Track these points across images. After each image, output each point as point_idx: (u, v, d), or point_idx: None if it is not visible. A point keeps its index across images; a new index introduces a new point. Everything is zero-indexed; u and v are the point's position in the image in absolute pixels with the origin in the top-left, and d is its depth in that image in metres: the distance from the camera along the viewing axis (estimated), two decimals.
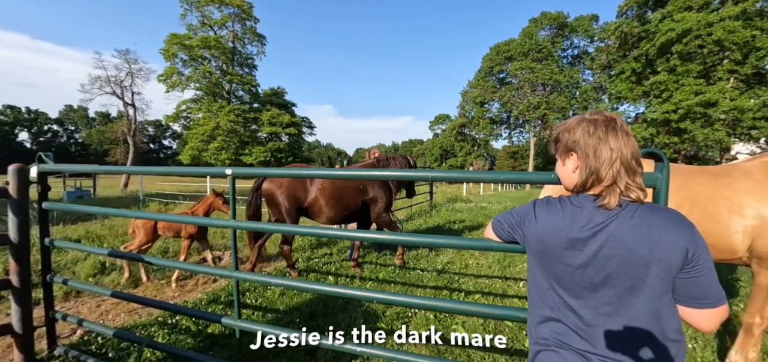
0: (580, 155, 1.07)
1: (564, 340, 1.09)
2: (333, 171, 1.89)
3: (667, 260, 0.95)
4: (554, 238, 1.08)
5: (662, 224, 0.97)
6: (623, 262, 0.98)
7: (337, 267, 5.35)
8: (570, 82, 43.11)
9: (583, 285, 1.04)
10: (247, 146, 28.21)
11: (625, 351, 1.00)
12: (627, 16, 23.72)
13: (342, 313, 3.59)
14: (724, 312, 1.00)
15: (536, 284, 1.17)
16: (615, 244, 0.99)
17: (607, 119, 1.05)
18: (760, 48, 15.66)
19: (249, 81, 28.61)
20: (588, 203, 1.05)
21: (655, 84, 18.73)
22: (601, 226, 1.01)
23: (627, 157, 1.01)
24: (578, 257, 1.03)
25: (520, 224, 1.21)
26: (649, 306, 0.99)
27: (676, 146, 18.25)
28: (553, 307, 1.12)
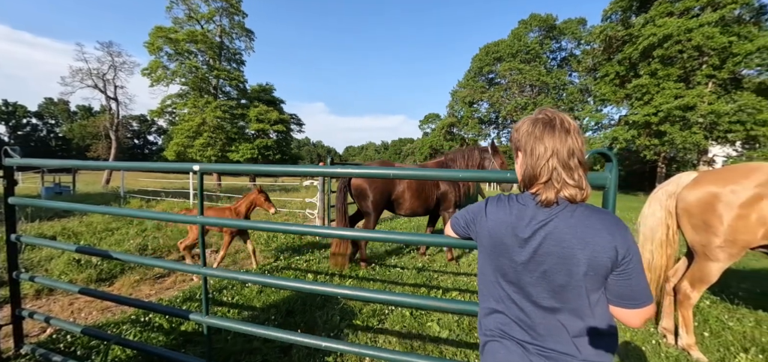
0: (523, 153, 1.12)
1: (507, 331, 1.14)
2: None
3: (599, 260, 0.99)
4: (501, 234, 1.12)
5: (598, 227, 1.01)
6: (560, 259, 1.02)
7: (318, 265, 5.35)
8: (557, 83, 43.73)
9: (525, 279, 1.09)
10: (234, 142, 27.74)
11: (560, 342, 1.05)
12: (612, 20, 24.19)
13: (320, 310, 3.61)
14: (650, 311, 1.05)
15: (485, 278, 1.22)
16: (553, 242, 1.03)
17: (548, 119, 1.09)
18: (737, 54, 16.17)
19: (236, 77, 28.11)
20: (531, 201, 1.09)
21: (637, 87, 19.17)
22: (542, 224, 1.05)
23: (563, 156, 1.04)
24: (521, 253, 1.08)
25: (474, 220, 1.26)
26: (583, 300, 1.03)
27: (657, 148, 18.73)
28: (499, 300, 1.16)
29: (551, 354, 1.06)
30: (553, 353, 1.06)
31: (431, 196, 5.11)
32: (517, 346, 1.12)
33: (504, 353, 1.14)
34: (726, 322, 3.48)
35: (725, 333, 3.30)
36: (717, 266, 2.75)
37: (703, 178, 2.88)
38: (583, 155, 1.08)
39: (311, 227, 2.10)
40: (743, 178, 2.66)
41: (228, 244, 5.05)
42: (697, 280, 2.87)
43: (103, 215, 8.41)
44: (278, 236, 6.97)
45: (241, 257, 6.00)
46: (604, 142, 23.65)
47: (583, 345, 1.04)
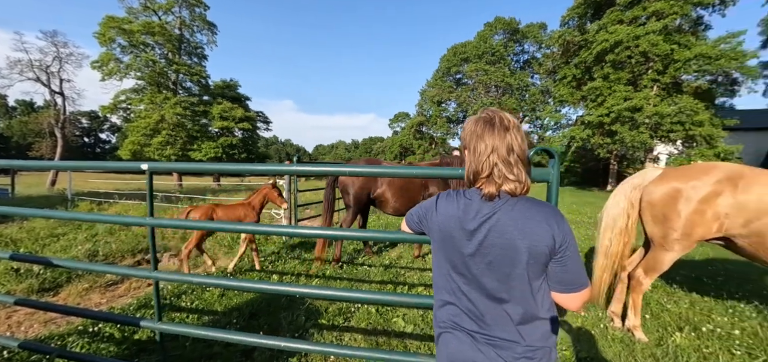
0: (468, 151, 1.17)
1: (458, 322, 1.19)
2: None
3: (538, 249, 1.06)
4: (450, 227, 1.17)
5: (537, 218, 1.08)
6: (503, 250, 1.08)
7: (284, 266, 5.26)
8: (520, 85, 45.52)
9: (473, 270, 1.14)
10: (196, 141, 26.46)
11: (506, 330, 1.11)
12: (569, 26, 25.56)
13: (285, 311, 3.55)
14: (586, 294, 1.14)
15: (438, 271, 1.26)
16: (497, 234, 1.09)
17: (489, 118, 1.14)
18: (678, 60, 17.64)
19: (198, 72, 26.80)
20: (476, 196, 1.15)
21: (592, 89, 20.40)
22: (486, 217, 1.11)
23: (503, 152, 1.10)
24: (469, 246, 1.13)
25: (426, 216, 1.30)
26: (525, 288, 1.10)
27: (609, 147, 20.05)
28: (450, 292, 1.21)
29: (498, 342, 1.12)
30: (500, 341, 1.11)
31: (417, 198, 5.11)
32: (467, 336, 1.17)
33: (455, 344, 1.19)
34: (665, 305, 3.81)
35: (664, 314, 3.61)
36: (671, 256, 2.95)
37: (667, 174, 3.04)
38: (523, 151, 1.14)
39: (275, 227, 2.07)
40: (703, 175, 2.83)
41: (246, 244, 5.09)
42: (650, 268, 3.08)
43: (47, 220, 7.76)
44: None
45: (202, 261, 5.77)
46: (563, 141, 24.99)
47: (526, 331, 1.11)
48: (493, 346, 1.12)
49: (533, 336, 1.11)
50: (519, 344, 1.10)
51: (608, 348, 2.94)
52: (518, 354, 1.09)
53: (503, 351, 1.10)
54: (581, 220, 9.63)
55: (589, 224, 8.83)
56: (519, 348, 1.10)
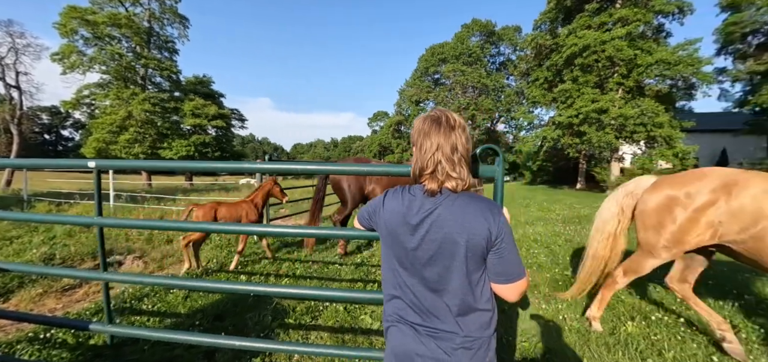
0: (415, 148, 1.21)
1: (402, 315, 1.23)
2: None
3: (476, 242, 1.11)
4: (395, 223, 1.21)
5: (474, 213, 1.12)
6: (443, 244, 1.13)
7: (252, 266, 5.18)
8: (496, 86, 46.59)
9: (416, 264, 1.18)
10: (167, 138, 25.43)
11: (446, 322, 1.16)
12: (541, 30, 26.41)
13: (251, 312, 3.50)
14: (523, 285, 1.18)
15: (386, 266, 1.30)
16: (437, 228, 1.13)
17: (435, 117, 1.18)
18: (640, 65, 18.61)
19: (168, 67, 25.71)
20: (420, 192, 1.19)
21: (562, 91, 21.18)
22: (428, 212, 1.15)
23: (447, 151, 1.14)
24: (412, 240, 1.17)
25: (375, 212, 1.34)
26: (464, 281, 1.15)
27: (578, 146, 20.89)
28: (396, 286, 1.25)
29: (438, 334, 1.16)
30: (440, 332, 1.16)
31: None
32: (410, 329, 1.21)
33: (399, 337, 1.23)
34: (619, 295, 4.01)
35: (619, 305, 3.81)
36: (654, 262, 2.94)
37: (661, 182, 3.01)
38: (467, 151, 1.19)
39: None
40: (697, 182, 2.78)
41: (246, 238, 5.27)
42: (631, 270, 3.09)
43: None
44: (212, 237, 6.60)
45: (170, 262, 5.60)
46: (535, 141, 25.84)
47: (464, 322, 1.16)
48: (434, 338, 1.16)
49: (471, 327, 1.16)
50: (457, 334, 1.15)
51: (566, 339, 3.08)
52: (457, 345, 1.14)
53: (443, 342, 1.15)
54: (550, 217, 9.98)
55: (557, 221, 9.17)
56: (457, 339, 1.14)
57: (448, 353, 1.14)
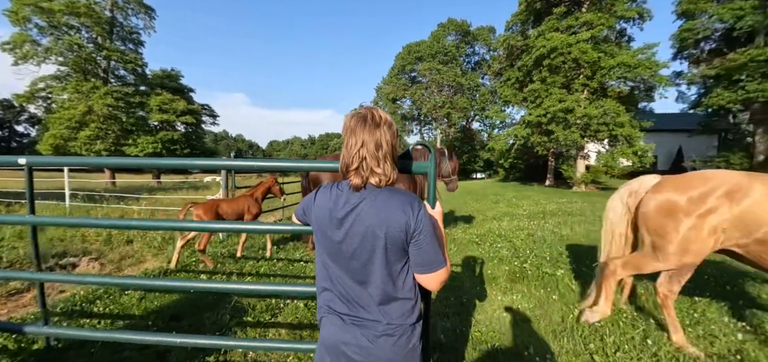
0: (343, 145, 1.25)
1: (332, 306, 1.29)
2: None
3: (395, 235, 1.17)
4: (323, 217, 1.25)
5: (395, 206, 1.18)
6: (365, 237, 1.18)
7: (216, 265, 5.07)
8: (471, 85, 47.49)
9: (342, 257, 1.23)
10: (132, 135, 24.28)
11: (370, 311, 1.22)
12: (513, 31, 27.18)
13: (209, 311, 3.45)
14: (442, 274, 1.24)
15: (318, 259, 1.35)
16: (360, 222, 1.19)
17: (362, 115, 1.23)
18: (603, 67, 19.57)
19: (133, 59, 24.48)
20: (346, 187, 1.24)
21: (531, 91, 21.93)
22: (353, 206, 1.20)
23: (371, 147, 1.18)
24: (338, 234, 1.22)
25: (308, 207, 1.38)
26: (385, 272, 1.21)
27: (546, 145, 21.71)
28: (326, 278, 1.30)
29: (362, 322, 1.22)
30: (364, 321, 1.22)
31: None
32: (338, 319, 1.26)
33: (328, 327, 1.28)
34: (570, 285, 4.24)
35: (570, 294, 4.02)
36: (657, 265, 2.85)
37: (664, 184, 2.92)
38: (392, 147, 1.24)
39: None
40: (701, 186, 2.68)
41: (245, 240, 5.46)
42: (631, 265, 3.01)
43: None
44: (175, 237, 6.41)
45: (128, 264, 5.40)
46: (507, 139, 26.59)
47: (386, 311, 1.22)
48: (358, 326, 1.22)
49: (393, 315, 1.22)
50: (380, 323, 1.21)
51: (517, 327, 3.23)
52: (379, 332, 1.20)
53: (366, 331, 1.21)
54: (516, 213, 10.34)
55: (523, 216, 9.52)
56: (380, 327, 1.21)
57: (371, 341, 1.20)
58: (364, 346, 1.19)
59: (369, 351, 1.19)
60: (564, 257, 5.41)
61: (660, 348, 2.92)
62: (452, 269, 4.82)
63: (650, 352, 2.85)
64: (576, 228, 7.81)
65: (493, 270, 4.73)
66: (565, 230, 7.56)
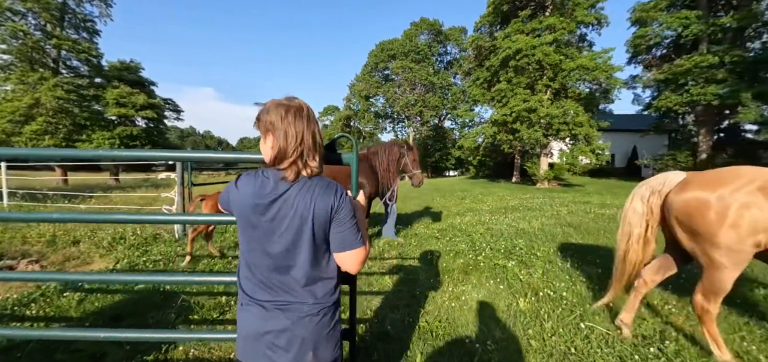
0: (274, 136, 1.26)
1: (252, 295, 1.31)
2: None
3: (319, 217, 1.25)
4: (246, 204, 1.27)
5: (319, 192, 1.26)
6: (293, 221, 1.24)
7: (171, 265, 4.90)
8: (443, 84, 48.20)
9: (266, 243, 1.26)
10: (85, 129, 22.77)
11: (293, 293, 1.27)
12: (481, 32, 27.88)
13: (155, 311, 3.34)
14: (361, 253, 1.32)
15: (241, 247, 1.36)
16: (288, 207, 1.23)
17: (298, 107, 1.27)
18: (564, 69, 20.52)
19: (87, 49, 22.93)
20: (273, 175, 1.27)
21: (498, 91, 22.64)
22: (280, 193, 1.24)
23: (309, 140, 1.26)
24: (263, 220, 1.25)
25: (229, 195, 1.38)
26: (312, 253, 1.27)
27: (511, 143, 22.51)
28: (249, 265, 1.32)
29: (286, 306, 1.26)
30: (289, 304, 1.26)
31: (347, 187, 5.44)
32: (259, 309, 1.29)
33: (247, 317, 1.31)
34: (519, 275, 4.45)
35: (517, 283, 4.22)
36: (723, 274, 2.47)
37: (690, 181, 2.66)
38: (321, 140, 1.32)
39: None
40: (732, 182, 2.43)
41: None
42: (709, 291, 2.57)
43: None
44: (126, 237, 6.13)
45: (72, 265, 5.12)
46: (476, 137, 27.26)
47: (312, 291, 1.29)
48: (282, 310, 1.26)
49: (318, 294, 1.29)
50: (305, 303, 1.27)
51: (463, 316, 3.35)
52: (304, 313, 1.26)
53: (291, 313, 1.25)
54: (480, 208, 10.66)
55: (484, 212, 9.83)
56: (305, 308, 1.26)
57: (295, 322, 1.25)
58: (288, 329, 1.24)
59: (294, 333, 1.24)
60: (517, 249, 5.65)
61: (593, 330, 3.13)
62: (409, 263, 4.92)
63: (582, 335, 3.06)
64: (533, 222, 8.16)
65: (449, 263, 4.87)
66: (522, 224, 7.89)
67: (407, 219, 8.39)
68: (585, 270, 4.71)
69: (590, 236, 6.76)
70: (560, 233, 7.02)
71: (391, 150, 5.80)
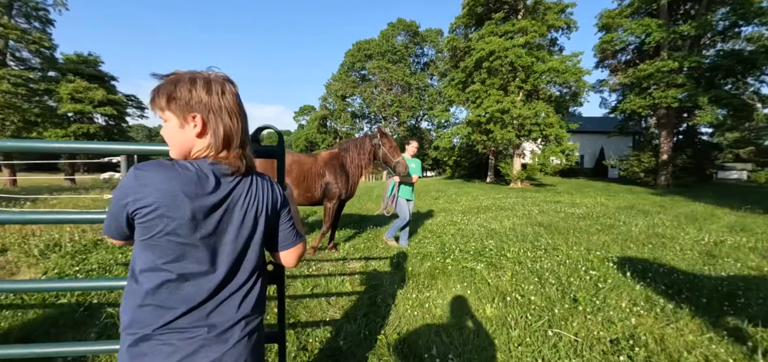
0: (208, 119, 1.01)
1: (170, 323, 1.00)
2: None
3: (271, 215, 1.12)
4: (174, 205, 0.96)
5: (265, 187, 1.12)
6: (243, 225, 1.05)
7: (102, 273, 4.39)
8: (420, 85, 48.48)
9: (202, 253, 0.99)
10: (36, 126, 21.11)
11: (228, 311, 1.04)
12: (456, 34, 28.15)
13: (73, 330, 2.89)
14: (300, 249, 1.23)
15: (147, 261, 1.08)
16: (237, 208, 1.04)
17: (234, 93, 1.07)
18: (536, 71, 21.00)
19: (38, 39, 21.28)
20: (211, 169, 1.01)
21: (472, 92, 22.90)
22: (227, 192, 1.02)
23: (247, 128, 1.13)
24: (204, 226, 1.00)
25: (138, 194, 1.04)
26: (254, 260, 1.09)
27: (485, 143, 22.80)
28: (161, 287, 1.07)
29: (224, 328, 1.01)
30: (227, 324, 1.02)
31: (313, 187, 5.10)
32: (178, 339, 0.95)
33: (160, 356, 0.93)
34: (487, 279, 4.26)
35: (485, 288, 4.03)
36: None
37: None
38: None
39: None
40: None
41: None
42: None
43: None
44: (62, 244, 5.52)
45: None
46: (452, 137, 27.49)
47: (249, 304, 1.07)
48: (219, 332, 1.00)
49: (256, 308, 1.10)
50: (238, 325, 1.05)
51: (424, 323, 3.11)
52: (236, 337, 1.03)
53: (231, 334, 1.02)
54: (452, 208, 10.57)
55: (457, 212, 9.73)
56: (237, 331, 1.04)
57: (227, 352, 1.00)
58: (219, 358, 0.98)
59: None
60: (487, 250, 5.50)
61: (561, 338, 2.96)
62: (374, 267, 4.64)
63: (551, 343, 2.88)
64: (505, 222, 8.10)
65: (415, 267, 4.63)
66: (494, 224, 7.80)
67: (378, 221, 8.12)
68: (554, 271, 4.61)
69: (560, 236, 6.74)
70: (531, 233, 6.96)
71: (362, 145, 5.38)
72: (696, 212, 10.19)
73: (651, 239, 6.51)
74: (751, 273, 4.73)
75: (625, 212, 10.07)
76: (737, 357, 2.70)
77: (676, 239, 6.60)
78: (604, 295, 3.86)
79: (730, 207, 11.12)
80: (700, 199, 14.08)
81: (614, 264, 4.95)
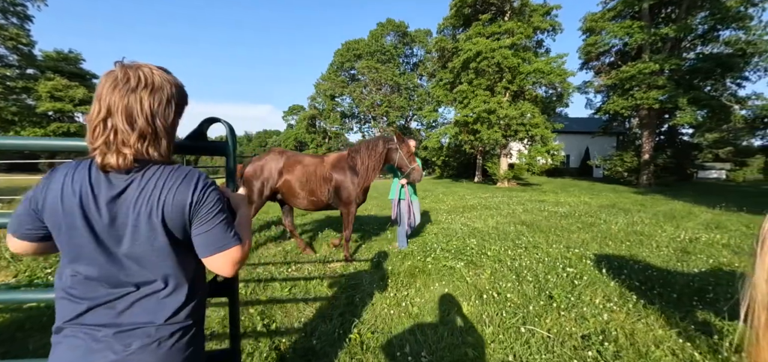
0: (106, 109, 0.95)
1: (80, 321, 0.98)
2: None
3: (174, 217, 0.98)
4: (69, 208, 0.95)
5: (170, 184, 0.99)
6: (137, 226, 0.96)
7: None
8: (409, 85, 48.55)
9: (103, 255, 0.97)
10: (13, 125, 20.47)
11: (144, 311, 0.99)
12: (444, 34, 28.31)
13: (40, 334, 2.81)
14: (235, 253, 1.06)
15: (62, 261, 1.05)
16: (130, 208, 0.96)
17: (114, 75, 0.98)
18: (522, 72, 21.26)
19: (15, 36, 20.64)
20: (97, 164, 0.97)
21: (460, 92, 23.06)
22: (119, 190, 0.96)
23: (125, 117, 0.97)
24: (98, 226, 0.96)
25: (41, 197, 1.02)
26: (171, 262, 1.01)
27: (473, 143, 22.98)
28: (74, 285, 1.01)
29: (128, 330, 0.96)
30: (132, 327, 0.97)
31: (319, 190, 4.78)
32: (86, 339, 0.95)
33: (68, 353, 0.94)
34: (466, 278, 4.30)
35: (463, 286, 4.06)
36: None
37: None
38: (153, 116, 1.02)
39: None
40: None
41: None
42: None
43: None
44: None
45: None
46: (440, 137, 27.62)
47: (164, 307, 1.00)
48: (123, 332, 0.96)
49: (169, 312, 1.01)
50: (151, 324, 0.98)
51: (401, 323, 3.12)
52: (152, 337, 0.97)
53: (135, 339, 0.96)
54: (438, 208, 10.62)
55: (442, 211, 9.78)
56: (151, 330, 0.98)
57: (136, 352, 0.95)
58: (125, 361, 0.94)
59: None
60: (469, 249, 5.54)
61: (533, 334, 3.01)
62: (353, 268, 4.63)
63: (523, 339, 2.92)
64: (489, 221, 8.18)
65: (396, 266, 4.64)
66: (477, 223, 7.87)
67: (364, 220, 8.11)
68: (532, 269, 4.67)
69: (541, 234, 6.84)
70: (513, 232, 7.04)
71: (375, 146, 4.95)
72: (674, 210, 10.46)
73: (629, 237, 6.65)
74: (723, 268, 4.88)
75: (607, 210, 10.28)
76: (702, 351, 2.78)
77: (653, 236, 6.76)
78: (580, 292, 3.93)
79: (708, 205, 11.46)
80: (680, 197, 14.46)
81: (591, 261, 5.05)
